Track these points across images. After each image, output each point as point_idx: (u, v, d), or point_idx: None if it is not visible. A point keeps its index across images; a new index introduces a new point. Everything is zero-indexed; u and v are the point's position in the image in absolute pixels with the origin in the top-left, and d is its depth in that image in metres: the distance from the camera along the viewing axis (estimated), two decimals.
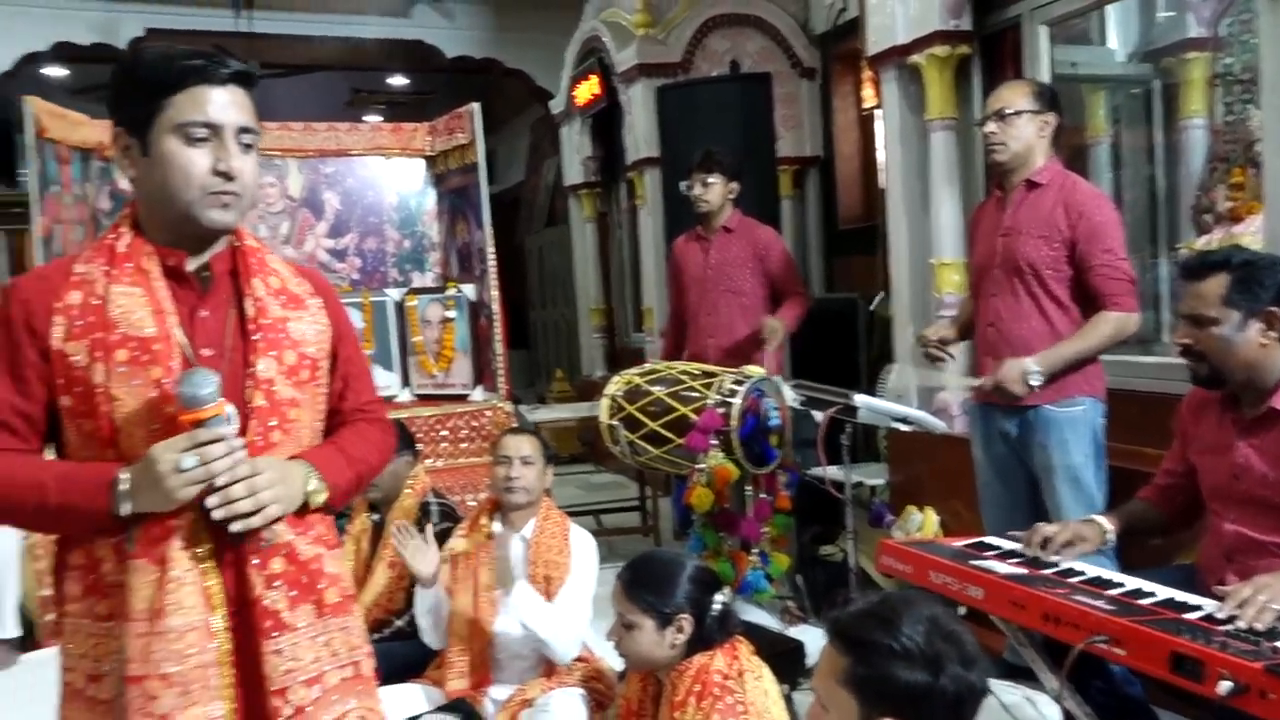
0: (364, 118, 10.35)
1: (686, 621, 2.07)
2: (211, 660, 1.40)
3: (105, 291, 1.42)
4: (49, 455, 1.49)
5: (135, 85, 1.44)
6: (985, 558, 2.23)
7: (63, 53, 7.66)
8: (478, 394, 4.87)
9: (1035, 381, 2.75)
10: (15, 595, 3.86)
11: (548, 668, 2.67)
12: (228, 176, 1.42)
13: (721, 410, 3.36)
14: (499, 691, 2.67)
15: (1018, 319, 2.87)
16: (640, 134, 6.18)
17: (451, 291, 4.99)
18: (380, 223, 5.39)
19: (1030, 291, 2.85)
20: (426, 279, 5.38)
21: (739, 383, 3.42)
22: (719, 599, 2.12)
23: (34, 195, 4.22)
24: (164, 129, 1.41)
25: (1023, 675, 2.50)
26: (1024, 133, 2.88)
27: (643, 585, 2.09)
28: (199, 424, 1.35)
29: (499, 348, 4.77)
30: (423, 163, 5.42)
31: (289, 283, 1.56)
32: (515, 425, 4.18)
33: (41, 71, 8.06)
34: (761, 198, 5.06)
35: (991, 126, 2.90)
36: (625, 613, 2.10)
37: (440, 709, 2.58)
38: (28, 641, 3.92)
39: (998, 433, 2.97)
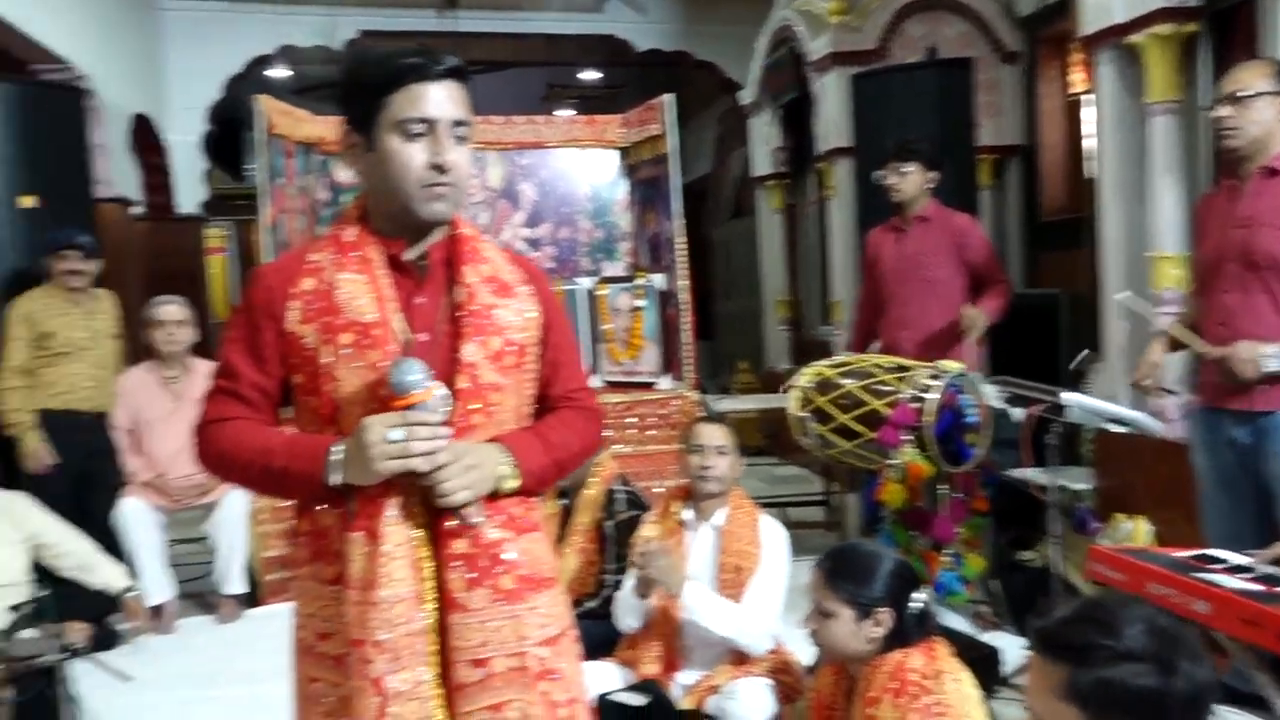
0: (555, 112, 10.64)
1: (885, 615, 2.02)
2: (420, 629, 1.46)
3: (333, 279, 1.52)
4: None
5: (359, 86, 1.51)
6: (1212, 571, 2.08)
7: (286, 55, 8.23)
8: (665, 382, 4.93)
9: (1271, 367, 2.54)
10: (243, 556, 4.18)
11: (736, 655, 2.67)
12: (442, 169, 1.48)
13: (915, 405, 3.27)
14: (686, 676, 2.69)
15: (1253, 317, 2.66)
16: (831, 124, 6.07)
17: (641, 281, 5.07)
18: (573, 213, 5.54)
19: (1268, 288, 2.63)
20: (617, 268, 5.48)
21: (935, 377, 3.31)
22: (919, 597, 2.06)
23: (263, 187, 4.56)
24: (385, 126, 1.48)
25: (1249, 702, 2.32)
26: (1263, 116, 2.65)
27: (844, 574, 2.06)
28: (408, 409, 1.42)
29: (687, 337, 4.81)
30: (615, 154, 5.53)
31: (501, 270, 1.60)
32: (703, 414, 4.20)
33: (265, 73, 8.67)
34: (959, 188, 4.89)
35: (1225, 110, 2.69)
36: (823, 600, 2.07)
37: (630, 688, 2.63)
38: (252, 598, 4.25)
39: (1225, 440, 2.76)
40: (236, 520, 4.14)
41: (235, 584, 4.17)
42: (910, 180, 3.99)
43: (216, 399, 1.57)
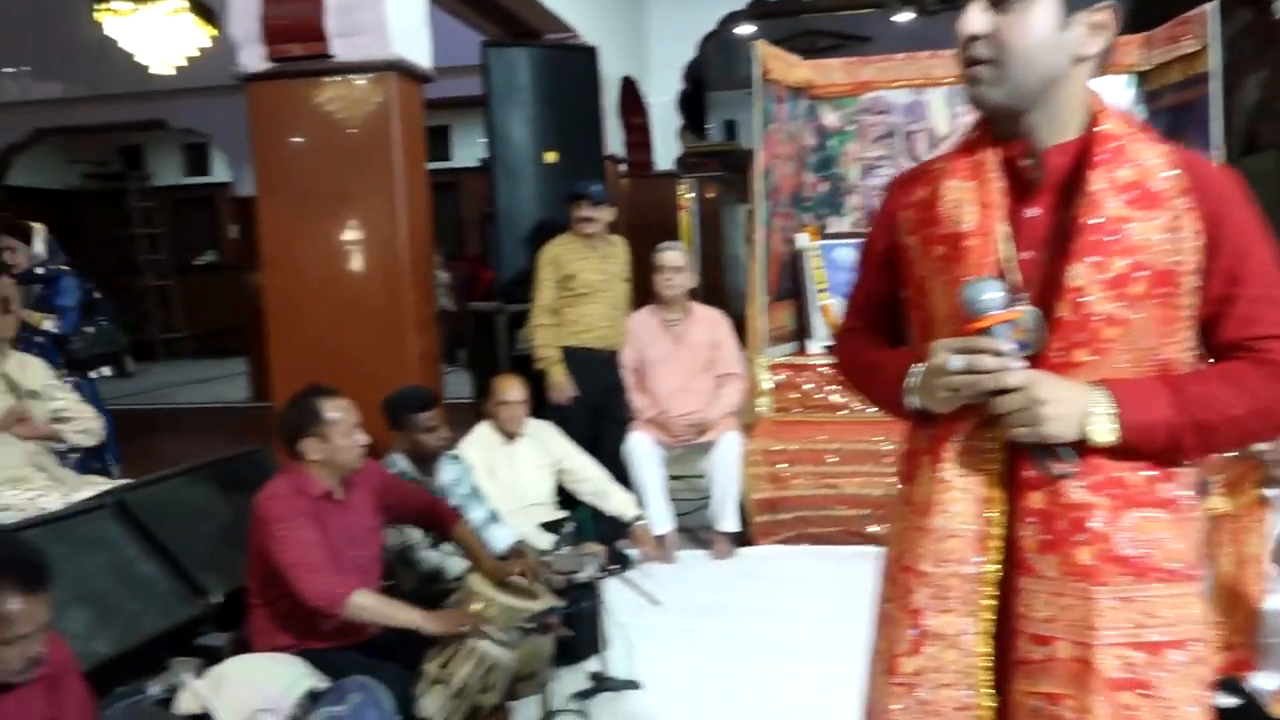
0: None
1: None
2: (973, 574, 1.30)
3: (942, 186, 1.37)
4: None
5: None
6: None
7: (754, 10, 8.33)
8: None
9: None
10: (736, 495, 4.27)
11: None
12: (966, 40, 1.29)
13: None
14: (1267, 680, 2.27)
15: None
16: None
17: None
18: None
19: None
20: None
21: None
22: None
23: (757, 132, 4.61)
24: None
25: None
26: None
27: None
28: (981, 332, 1.27)
29: None
30: (1124, 80, 4.90)
31: (1150, 177, 1.28)
32: None
33: (733, 31, 8.86)
34: None
35: None
36: None
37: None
38: (744, 537, 4.33)
39: None
40: (731, 460, 4.23)
41: (729, 522, 4.27)
42: None
43: (848, 309, 1.60)
